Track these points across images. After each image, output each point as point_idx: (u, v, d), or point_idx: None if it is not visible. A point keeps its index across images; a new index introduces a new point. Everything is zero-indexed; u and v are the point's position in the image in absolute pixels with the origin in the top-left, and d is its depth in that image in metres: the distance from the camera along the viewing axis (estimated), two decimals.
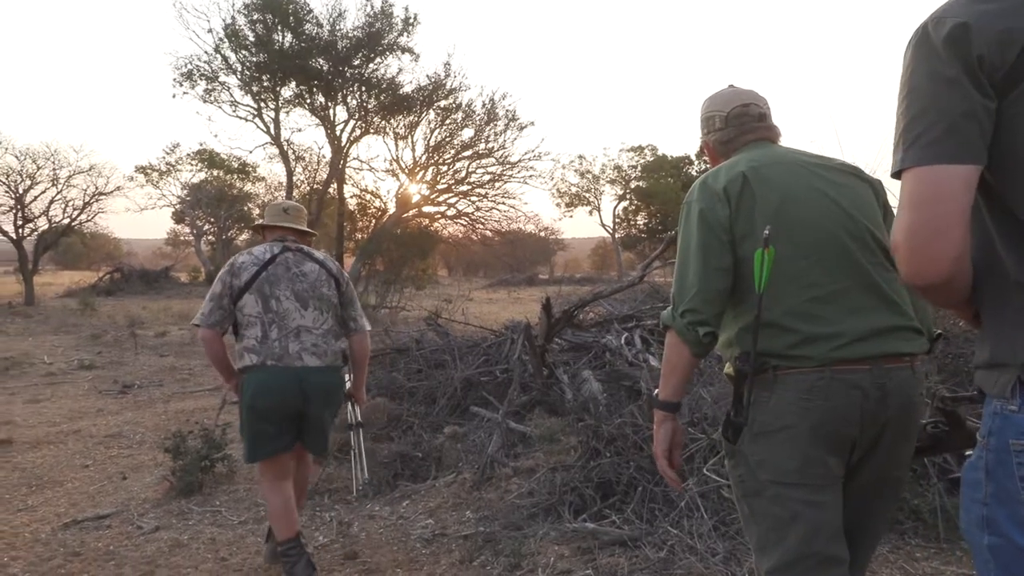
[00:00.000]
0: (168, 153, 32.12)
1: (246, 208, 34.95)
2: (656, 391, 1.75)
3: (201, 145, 30.54)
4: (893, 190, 1.58)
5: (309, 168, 21.30)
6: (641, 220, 39.17)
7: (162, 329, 13.02)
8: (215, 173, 33.10)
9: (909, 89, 1.05)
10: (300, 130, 25.00)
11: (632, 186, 39.49)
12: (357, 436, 3.30)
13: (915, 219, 1.01)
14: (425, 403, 5.58)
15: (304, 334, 3.05)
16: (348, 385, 3.55)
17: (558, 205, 41.92)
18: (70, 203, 25.07)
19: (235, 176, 33.18)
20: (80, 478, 5.17)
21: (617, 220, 41.36)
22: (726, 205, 1.66)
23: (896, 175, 1.06)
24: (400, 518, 4.09)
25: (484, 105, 18.30)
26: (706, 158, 2.03)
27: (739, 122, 1.88)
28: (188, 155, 31.92)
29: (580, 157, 40.83)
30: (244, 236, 37.48)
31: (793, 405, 1.57)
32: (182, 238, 41.94)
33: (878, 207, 1.76)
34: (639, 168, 39.66)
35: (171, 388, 8.50)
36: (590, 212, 42.53)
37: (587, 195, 41.89)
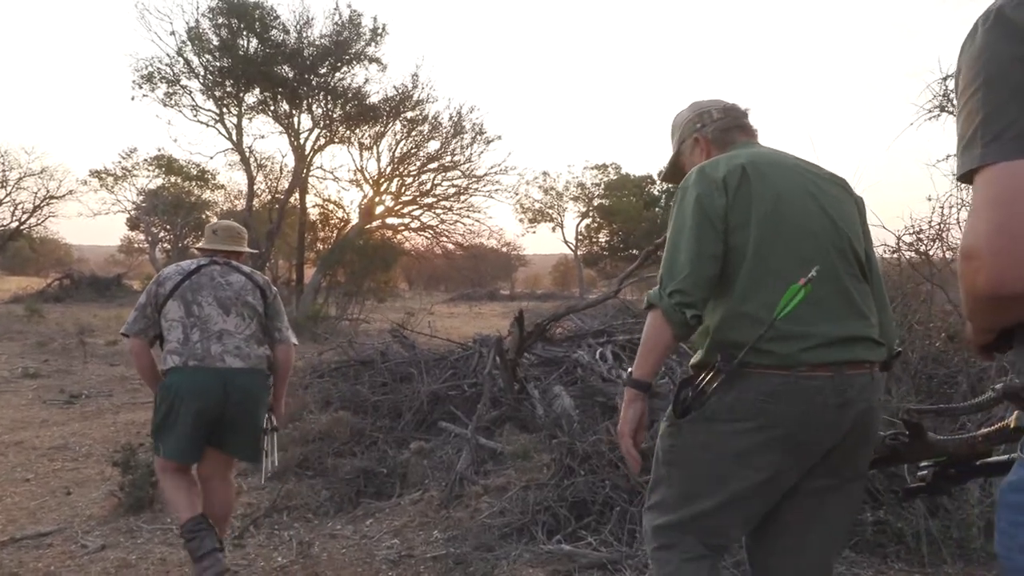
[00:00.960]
0: (124, 157, 31.28)
1: (204, 216, 34.16)
2: (630, 369, 1.74)
3: (159, 150, 29.82)
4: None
5: (271, 177, 20.94)
6: (603, 237, 39.32)
7: (113, 338, 12.55)
8: (172, 179, 32.34)
9: (985, 78, 0.93)
10: (263, 137, 24.65)
11: (595, 204, 39.66)
12: (271, 439, 3.25)
13: (1002, 219, 0.89)
14: (390, 417, 5.40)
15: (226, 337, 3.10)
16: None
17: (521, 221, 41.94)
18: (19, 206, 24.29)
19: (193, 183, 32.46)
20: (20, 493, 4.87)
21: (580, 237, 41.50)
22: (723, 194, 1.67)
23: (965, 177, 0.95)
24: (363, 537, 3.90)
25: (451, 118, 18.22)
26: (668, 185, 2.01)
27: (735, 113, 1.94)
28: (145, 160, 31.15)
29: (544, 174, 40.92)
30: (201, 244, 36.73)
31: (753, 403, 1.60)
32: (136, 245, 40.85)
33: (859, 221, 1.81)
34: (602, 186, 39.86)
35: (121, 398, 8.15)
36: (553, 228, 42.61)
37: (550, 211, 41.99)
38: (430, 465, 4.62)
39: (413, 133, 18.35)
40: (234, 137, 17.72)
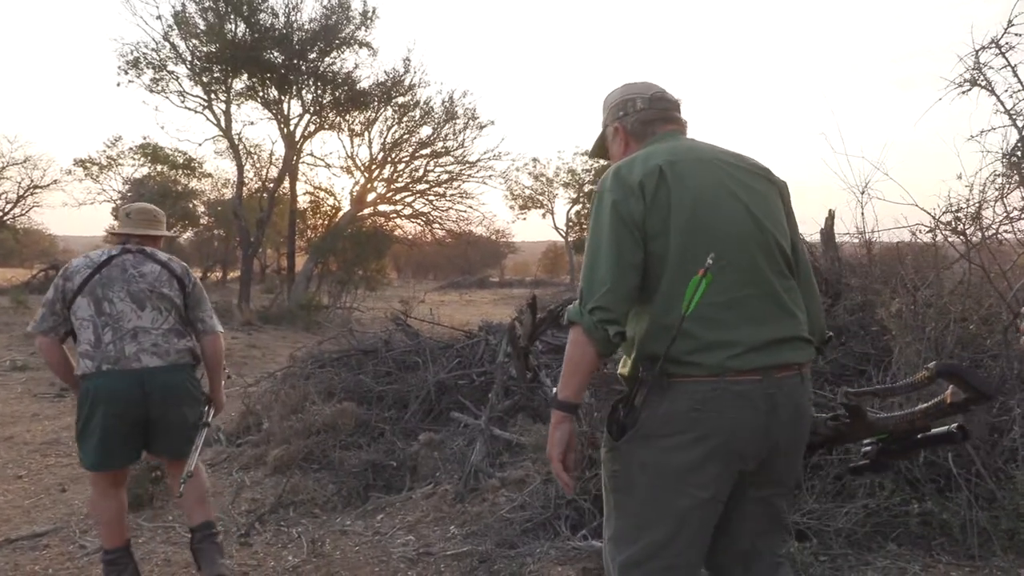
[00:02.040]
0: (109, 146, 30.72)
1: (191, 205, 33.74)
2: (555, 390, 1.68)
3: (144, 139, 29.22)
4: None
5: (260, 164, 20.61)
6: None
7: None
8: (159, 168, 31.85)
9: None
10: (252, 123, 24.27)
11: (585, 190, 39.44)
12: (199, 434, 3.07)
13: None
14: (396, 408, 5.23)
15: (142, 335, 2.92)
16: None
17: (512, 207, 41.69)
18: (2, 196, 23.84)
19: (180, 172, 31.99)
20: (12, 490, 4.68)
21: (570, 224, 41.31)
22: (640, 200, 1.61)
23: None
24: (376, 534, 3.75)
25: (443, 103, 17.95)
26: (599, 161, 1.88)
27: (661, 105, 1.85)
28: (131, 149, 30.62)
29: (534, 160, 40.61)
30: (188, 234, 36.28)
31: (684, 415, 1.57)
32: None
33: (783, 211, 1.77)
34: (592, 172, 39.63)
35: None
36: (543, 215, 42.39)
37: (540, 198, 41.74)
38: (441, 457, 4.46)
39: (405, 119, 18.09)
40: (223, 124, 17.40)
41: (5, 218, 23.90)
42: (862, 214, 5.16)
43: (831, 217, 6.07)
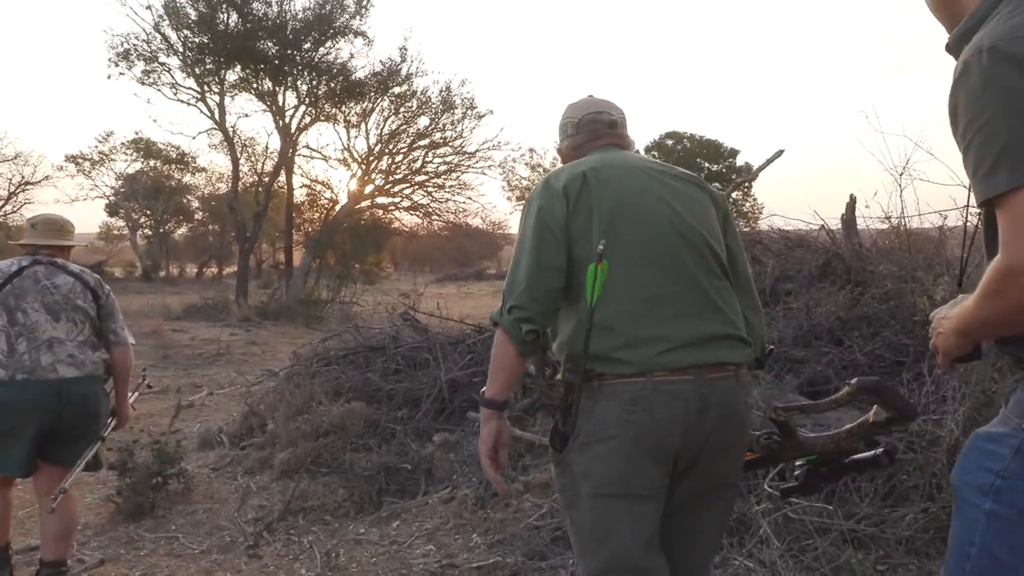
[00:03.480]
0: (101, 141, 30.40)
1: (185, 200, 33.43)
2: (484, 389, 1.72)
3: (137, 133, 28.88)
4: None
5: (255, 157, 20.30)
6: None
7: None
8: (152, 163, 31.51)
9: (995, 111, 1.02)
10: (247, 115, 23.83)
11: None
12: (91, 447, 3.07)
13: None
14: (407, 407, 5.00)
15: (57, 346, 2.97)
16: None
17: (508, 198, 41.41)
18: None
19: (173, 167, 31.65)
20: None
21: None
22: (564, 204, 1.66)
23: (988, 201, 1.04)
24: (393, 543, 3.53)
25: (441, 92, 17.66)
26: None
27: (590, 128, 1.89)
28: (123, 144, 30.29)
29: (531, 151, 40.40)
30: (182, 230, 35.95)
31: (616, 416, 1.57)
32: (115, 232, 39.93)
33: (716, 217, 1.78)
34: None
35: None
36: None
37: None
38: (458, 459, 4.24)
39: (402, 109, 17.79)
40: (216, 116, 17.10)
41: None
42: (900, 197, 4.94)
43: (852, 203, 5.87)
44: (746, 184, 36.52)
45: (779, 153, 5.18)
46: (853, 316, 4.49)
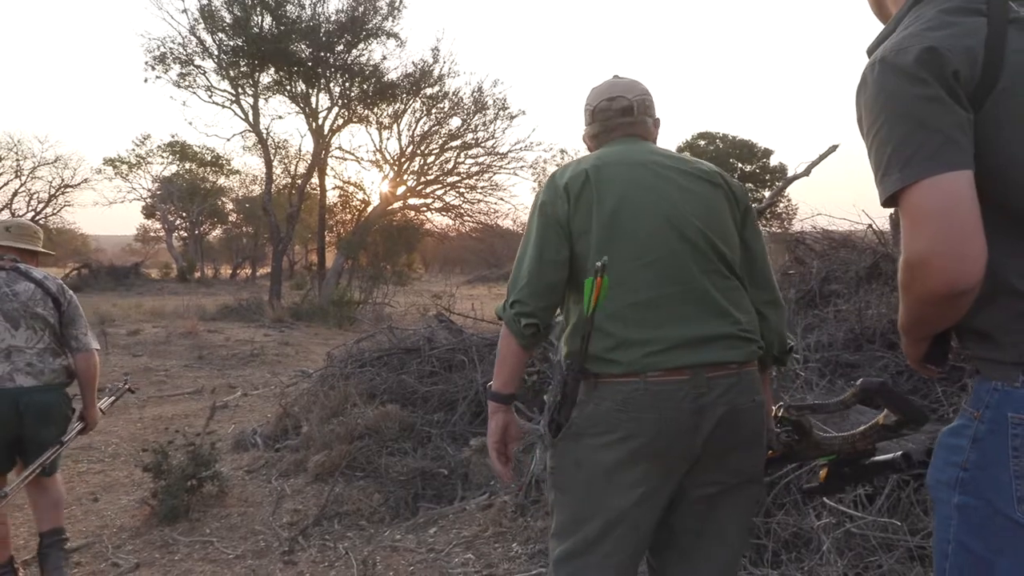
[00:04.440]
0: (138, 145, 30.94)
1: (219, 202, 33.87)
2: (490, 383, 1.75)
3: (172, 136, 29.38)
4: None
5: (289, 158, 20.41)
6: None
7: (135, 327, 12.18)
8: (187, 165, 31.97)
9: (886, 118, 1.10)
10: (280, 117, 24.02)
11: None
12: (51, 450, 3.05)
13: (938, 228, 1.04)
14: (443, 410, 4.91)
15: (16, 354, 2.99)
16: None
17: None
18: (35, 195, 23.97)
19: (208, 169, 32.07)
20: None
21: None
22: (566, 201, 1.68)
23: (889, 201, 1.09)
24: (431, 550, 3.43)
25: (472, 94, 17.59)
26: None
27: (604, 117, 1.87)
28: (159, 147, 30.78)
29: (562, 151, 40.30)
30: (216, 232, 36.39)
31: (609, 414, 1.58)
32: (152, 233, 40.55)
33: (730, 213, 1.75)
34: None
35: (147, 391, 7.72)
36: None
37: None
38: None
39: (434, 110, 17.74)
40: (251, 118, 17.21)
41: (37, 218, 23.97)
42: None
43: None
44: (780, 184, 36.11)
45: (833, 148, 4.99)
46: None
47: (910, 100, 1.08)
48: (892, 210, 4.98)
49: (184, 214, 32.72)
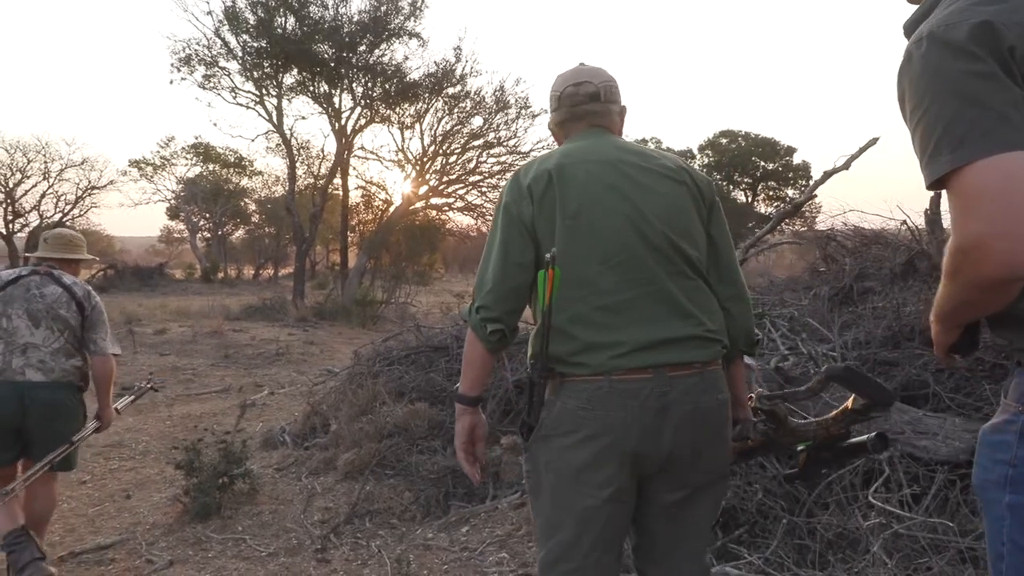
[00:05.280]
0: (163, 147, 31.26)
1: (242, 203, 34.13)
2: (457, 384, 1.77)
3: (196, 138, 29.64)
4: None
5: (312, 158, 20.50)
6: None
7: (161, 326, 12.28)
8: (210, 167, 32.26)
9: (934, 96, 1.05)
10: (304, 118, 24.13)
11: None
12: (63, 448, 3.17)
13: (996, 209, 0.99)
14: None
15: (31, 351, 3.14)
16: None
17: None
18: (62, 197, 24.32)
19: (231, 170, 32.33)
20: (76, 497, 4.47)
21: None
22: (530, 203, 1.66)
23: (936, 184, 1.05)
24: (464, 549, 3.41)
25: (494, 93, 17.56)
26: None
27: (570, 103, 1.84)
28: (183, 148, 31.08)
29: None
30: (239, 232, 36.66)
31: (573, 413, 1.60)
32: (175, 235, 40.97)
33: (695, 210, 1.73)
34: None
35: (175, 390, 7.78)
36: None
37: None
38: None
39: (455, 110, 17.74)
40: (275, 119, 17.31)
41: (65, 218, 24.28)
42: None
43: (937, 196, 5.54)
44: (803, 181, 35.62)
45: (873, 141, 4.90)
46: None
47: (962, 77, 1.03)
48: (927, 208, 4.83)
49: (208, 215, 33.00)
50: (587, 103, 1.83)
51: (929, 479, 2.84)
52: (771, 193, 35.04)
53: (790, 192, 35.29)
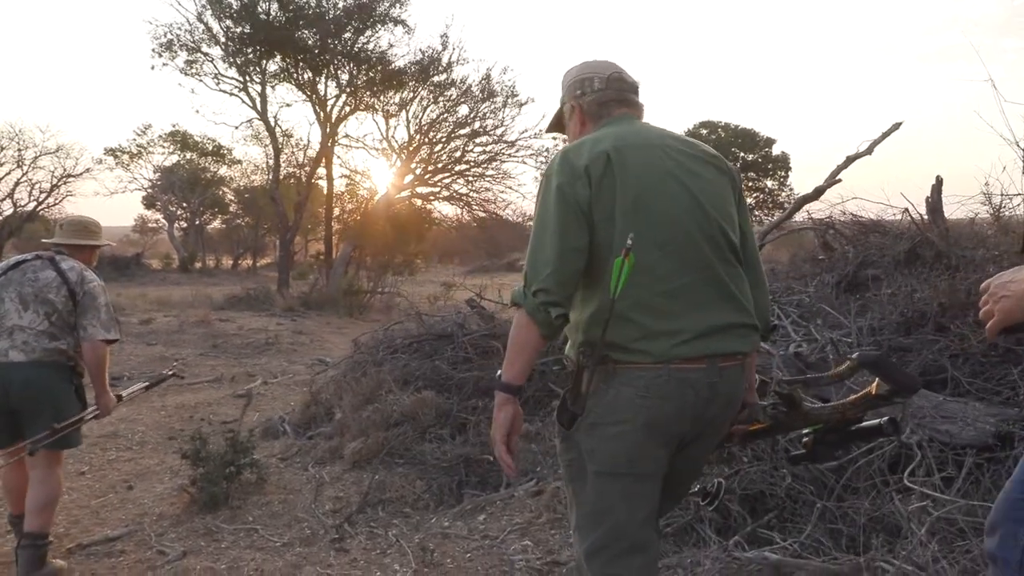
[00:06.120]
0: (139, 134, 30.63)
1: (220, 192, 33.62)
2: (499, 372, 1.70)
3: (174, 126, 29.08)
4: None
5: (296, 147, 20.22)
6: None
7: (146, 316, 12.08)
8: (188, 156, 31.70)
9: None
10: (289, 105, 23.78)
11: None
12: (43, 434, 3.13)
13: None
14: (478, 396, 4.84)
15: (17, 332, 3.16)
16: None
17: None
18: (36, 186, 23.81)
19: (209, 159, 31.83)
20: (78, 488, 4.36)
21: None
22: (587, 185, 1.63)
23: None
24: (485, 537, 3.37)
25: (481, 81, 17.43)
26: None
27: (617, 86, 1.85)
28: (160, 137, 30.50)
29: (564, 139, 40.05)
30: (216, 223, 36.15)
31: (630, 401, 1.60)
32: (149, 225, 40.22)
33: (733, 200, 1.78)
34: None
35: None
36: None
37: None
38: (540, 450, 4.07)
39: (441, 98, 17.59)
40: (258, 106, 17.06)
41: (40, 207, 23.76)
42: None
43: (939, 184, 5.58)
44: (782, 172, 35.83)
45: (897, 126, 4.89)
46: (956, 302, 4.23)
47: None
48: (928, 196, 4.86)
49: (185, 204, 32.48)
50: (632, 92, 1.88)
51: (956, 463, 2.85)
52: (751, 184, 35.23)
53: (769, 183, 35.55)
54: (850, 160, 4.85)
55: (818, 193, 4.72)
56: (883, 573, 2.33)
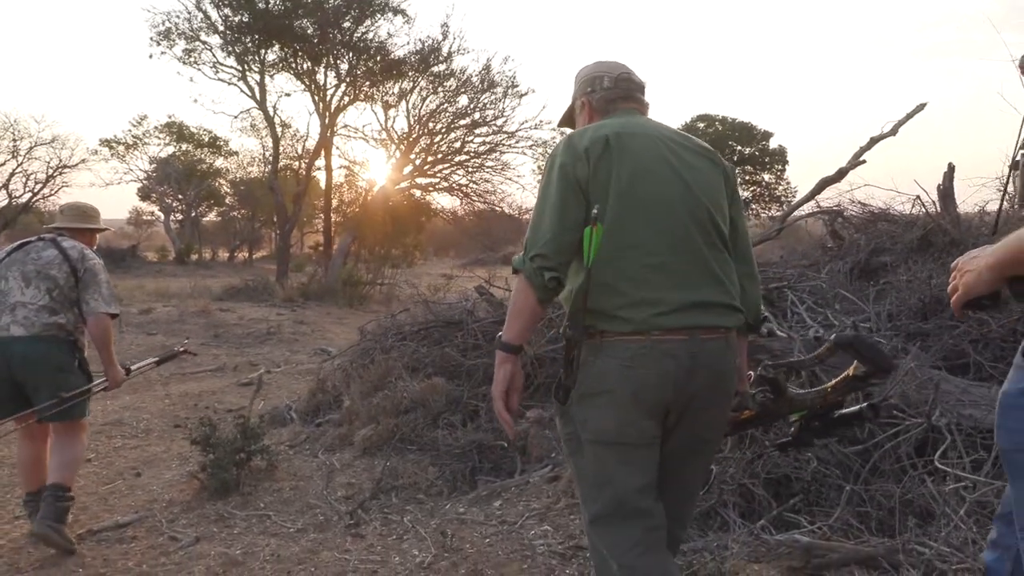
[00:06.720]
0: (135, 125, 30.42)
1: (216, 184, 33.45)
2: (500, 333, 1.79)
3: (169, 117, 28.87)
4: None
5: (295, 137, 20.11)
6: None
7: (146, 306, 11.99)
8: (183, 147, 31.51)
9: None
10: (287, 95, 23.64)
11: None
12: (48, 403, 3.25)
13: None
14: (489, 383, 4.75)
15: (19, 308, 3.26)
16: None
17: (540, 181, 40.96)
18: (31, 176, 23.65)
19: (205, 150, 31.65)
20: (85, 475, 4.30)
21: None
22: (586, 165, 1.73)
23: None
24: (503, 523, 3.33)
25: (480, 71, 17.32)
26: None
27: (625, 85, 1.97)
28: (156, 127, 30.30)
29: (562, 132, 39.95)
30: (213, 214, 35.97)
31: (616, 371, 1.68)
32: (144, 217, 39.97)
33: (725, 192, 1.87)
34: None
35: (168, 368, 7.54)
36: None
37: None
38: (555, 436, 4.02)
39: (440, 89, 17.47)
40: (257, 95, 16.93)
41: (35, 198, 23.61)
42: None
43: (950, 173, 5.54)
44: (779, 166, 35.81)
45: (921, 107, 4.84)
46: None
47: None
48: (940, 183, 4.81)
49: (181, 196, 32.29)
50: (638, 91, 2.01)
51: (983, 447, 2.81)
52: (748, 178, 35.20)
53: (766, 177, 35.52)
54: (874, 141, 4.80)
55: (841, 175, 4.69)
56: (919, 555, 2.29)
